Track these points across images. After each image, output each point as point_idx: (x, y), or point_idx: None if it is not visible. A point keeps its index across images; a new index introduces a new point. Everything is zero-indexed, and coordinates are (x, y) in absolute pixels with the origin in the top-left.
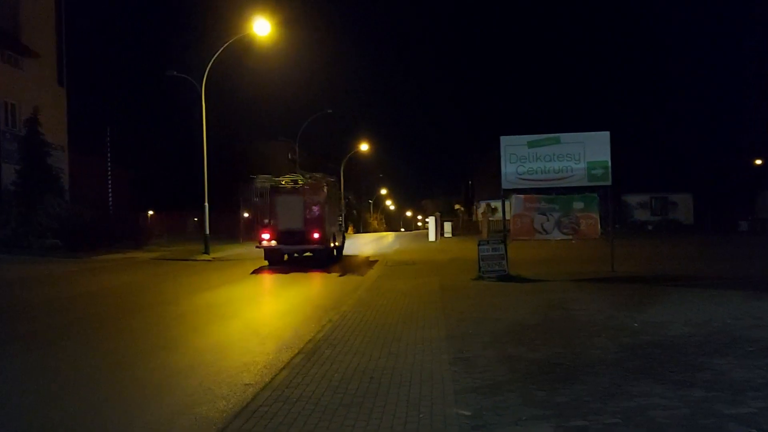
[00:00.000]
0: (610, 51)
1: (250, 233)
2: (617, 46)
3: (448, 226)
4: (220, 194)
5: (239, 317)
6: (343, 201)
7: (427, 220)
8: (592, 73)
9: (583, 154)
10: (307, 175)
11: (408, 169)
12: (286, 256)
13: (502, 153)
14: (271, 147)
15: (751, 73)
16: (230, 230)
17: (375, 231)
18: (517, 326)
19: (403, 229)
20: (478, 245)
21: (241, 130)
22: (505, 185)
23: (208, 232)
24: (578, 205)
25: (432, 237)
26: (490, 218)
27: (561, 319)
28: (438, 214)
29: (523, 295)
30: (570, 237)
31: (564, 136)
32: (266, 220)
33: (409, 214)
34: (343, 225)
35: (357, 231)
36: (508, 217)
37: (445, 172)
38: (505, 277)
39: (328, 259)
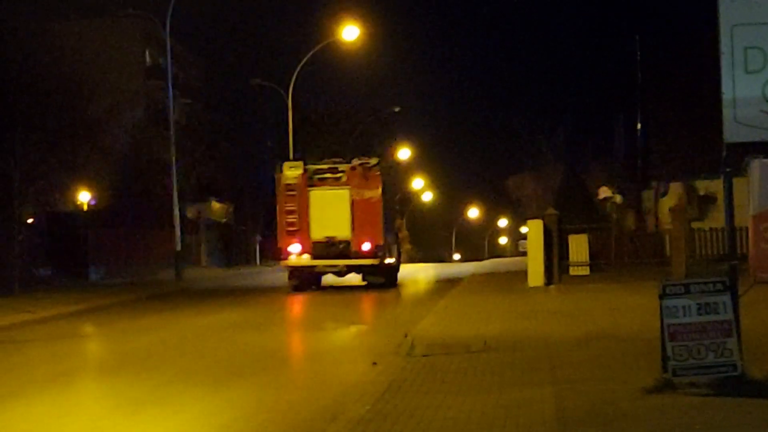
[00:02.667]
0: None
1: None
2: None
3: (578, 247)
4: None
5: None
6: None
7: (522, 230)
8: None
9: None
10: (357, 160)
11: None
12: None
13: (722, 45)
14: (109, 29)
15: None
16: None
17: None
18: None
19: (457, 256)
20: (662, 297)
21: None
22: (732, 133)
23: None
24: None
25: (535, 276)
26: (694, 223)
27: None
28: (552, 213)
29: None
30: None
31: None
32: (293, 225)
33: (473, 213)
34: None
35: None
36: (740, 220)
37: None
38: (735, 385)
39: (386, 282)
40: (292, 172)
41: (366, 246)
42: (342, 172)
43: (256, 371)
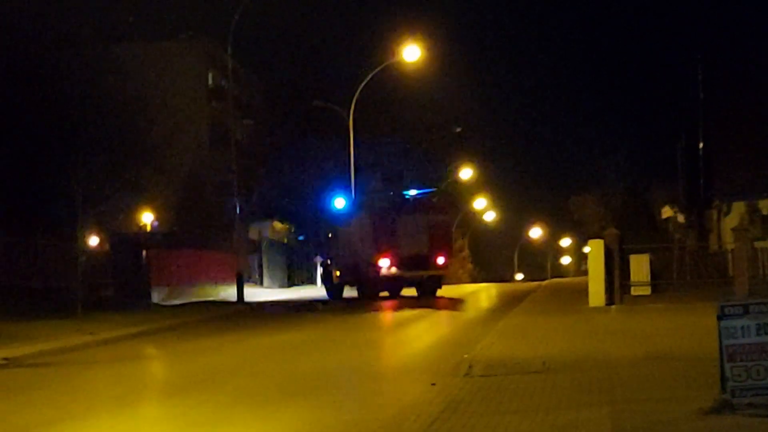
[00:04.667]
0: None
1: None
2: None
3: (639, 266)
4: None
5: None
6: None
7: (585, 250)
8: None
9: None
10: (434, 194)
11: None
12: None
13: None
14: (173, 52)
15: None
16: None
17: None
18: None
19: (520, 276)
20: (720, 318)
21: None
22: None
23: None
24: None
25: (596, 296)
26: (757, 243)
27: None
28: (613, 232)
29: None
30: None
31: None
32: (385, 244)
33: (536, 233)
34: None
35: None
36: None
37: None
38: None
39: (438, 288)
40: (380, 203)
41: (441, 260)
42: (420, 200)
43: (316, 391)
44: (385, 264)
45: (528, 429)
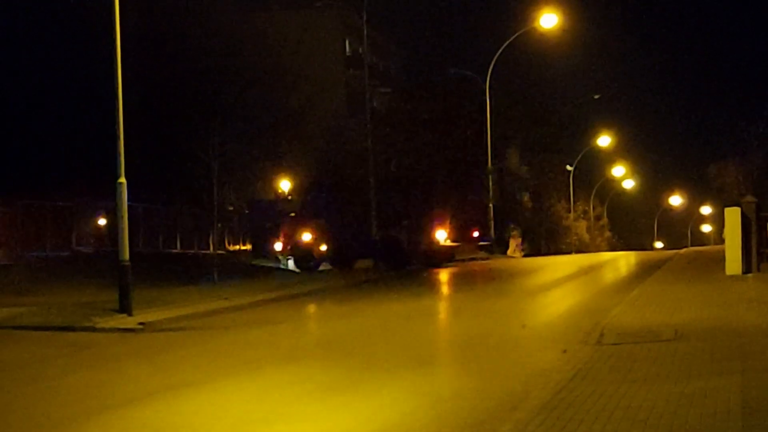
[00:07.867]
0: None
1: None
2: None
3: None
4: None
5: None
6: None
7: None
8: None
9: None
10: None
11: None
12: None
13: None
14: (310, 20)
15: None
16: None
17: (576, 251)
18: None
19: (660, 245)
20: None
21: None
22: None
23: (126, 256)
24: None
25: (733, 265)
26: None
27: None
28: (750, 200)
29: None
30: None
31: None
32: (442, 219)
33: (676, 201)
34: None
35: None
36: None
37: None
38: None
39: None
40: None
41: (476, 233)
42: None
43: (445, 358)
44: (441, 237)
45: (655, 397)
